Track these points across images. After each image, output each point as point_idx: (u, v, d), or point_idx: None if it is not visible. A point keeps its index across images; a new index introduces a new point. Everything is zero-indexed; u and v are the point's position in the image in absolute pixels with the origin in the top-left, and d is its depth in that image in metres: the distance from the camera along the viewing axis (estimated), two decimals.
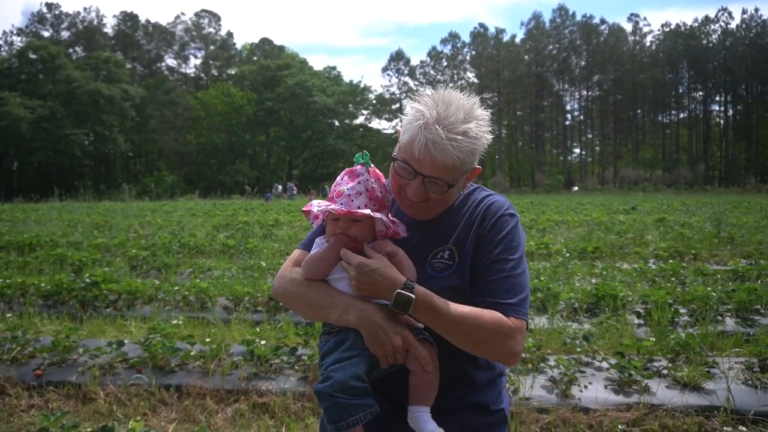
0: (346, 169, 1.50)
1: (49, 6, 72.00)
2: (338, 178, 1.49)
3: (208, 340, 4.59)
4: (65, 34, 72.76)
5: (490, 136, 1.43)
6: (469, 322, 1.30)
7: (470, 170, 1.46)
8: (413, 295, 1.28)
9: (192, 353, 4.40)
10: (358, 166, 1.47)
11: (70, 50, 69.61)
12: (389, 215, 1.48)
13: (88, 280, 6.57)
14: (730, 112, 73.51)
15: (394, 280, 1.30)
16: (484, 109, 1.43)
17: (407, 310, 1.28)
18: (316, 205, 1.44)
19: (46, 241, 10.99)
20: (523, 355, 4.27)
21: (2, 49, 68.43)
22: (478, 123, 1.39)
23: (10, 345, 4.51)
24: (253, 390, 3.97)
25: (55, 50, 58.88)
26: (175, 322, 5.38)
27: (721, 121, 75.14)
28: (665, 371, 4.07)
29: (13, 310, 6.12)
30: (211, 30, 79.79)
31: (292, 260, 1.55)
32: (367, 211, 1.38)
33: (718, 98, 73.92)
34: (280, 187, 35.82)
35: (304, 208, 1.48)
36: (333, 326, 1.40)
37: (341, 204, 1.41)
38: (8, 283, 6.74)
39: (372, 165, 1.50)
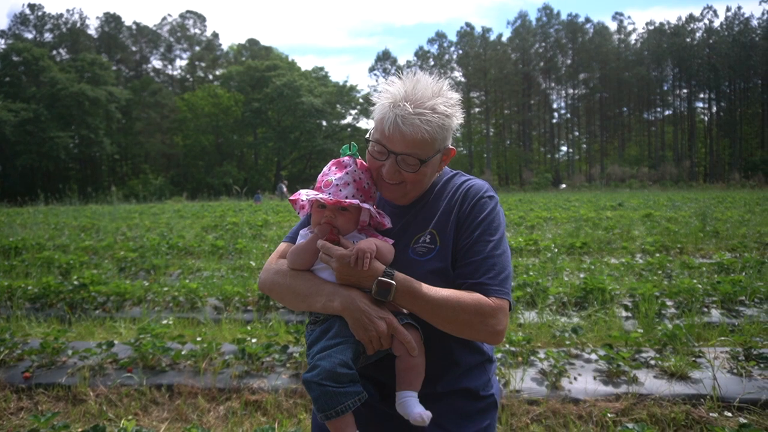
0: (334, 159, 1.52)
1: (32, 7, 71.08)
2: (325, 168, 1.50)
3: (198, 339, 4.58)
4: (48, 36, 71.88)
5: (460, 115, 1.47)
6: (451, 304, 1.32)
7: (443, 150, 1.48)
8: (393, 281, 1.32)
9: (183, 353, 4.38)
10: (346, 158, 1.49)
11: (54, 52, 68.79)
12: (374, 206, 1.50)
13: (76, 283, 6.51)
14: (714, 108, 74.53)
15: (374, 269, 1.33)
16: (456, 91, 1.47)
17: (388, 296, 1.32)
18: (305, 194, 1.45)
19: (32, 244, 10.85)
20: (513, 348, 4.32)
21: None
22: (447, 100, 1.43)
23: None
24: (245, 388, 3.97)
25: (38, 52, 58.12)
26: (165, 322, 5.36)
27: (706, 118, 76.13)
28: (653, 362, 4.13)
29: (0, 314, 6.04)
30: (197, 31, 79.30)
31: (278, 253, 1.57)
32: (356, 201, 1.40)
33: (702, 95, 74.88)
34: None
35: (291, 197, 1.49)
36: (319, 315, 1.41)
37: (329, 193, 1.42)
38: None
39: (359, 157, 1.52)
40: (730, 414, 3.44)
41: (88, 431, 3.00)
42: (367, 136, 1.51)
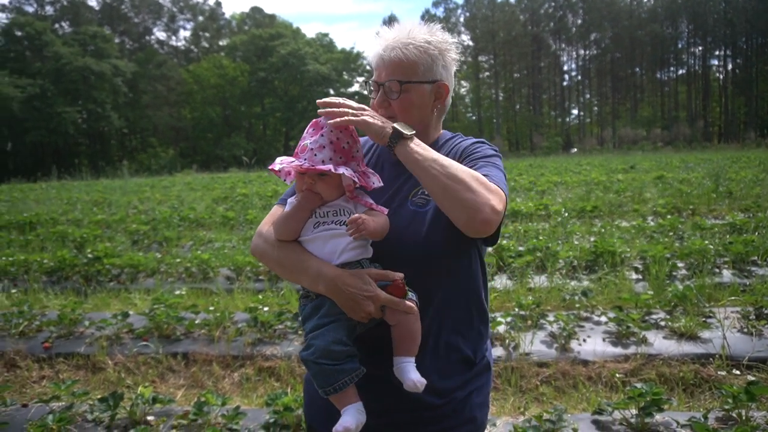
0: (313, 120, 1.43)
1: None
2: (305, 131, 1.43)
3: (211, 308, 4.66)
4: (50, 9, 71.07)
5: (451, 51, 1.49)
6: (455, 166, 1.30)
7: (432, 82, 1.46)
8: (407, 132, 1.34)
9: (197, 322, 4.46)
10: (322, 118, 1.40)
11: (56, 26, 68.08)
12: (362, 164, 1.43)
13: (90, 256, 6.62)
14: (730, 66, 72.48)
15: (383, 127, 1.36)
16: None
17: (396, 141, 1.33)
18: (279, 162, 1.39)
19: (47, 219, 11.00)
20: (523, 312, 4.34)
21: None
22: (432, 32, 1.48)
23: (17, 319, 4.58)
24: (258, 355, 4.05)
25: (41, 26, 57.56)
26: (178, 292, 5.44)
27: (721, 76, 74.14)
28: (663, 323, 4.14)
29: (18, 287, 6.18)
30: (199, 0, 77.95)
31: (271, 216, 1.53)
32: (329, 167, 1.31)
33: (717, 53, 72.75)
34: None
35: (269, 167, 1.42)
36: (310, 290, 1.38)
37: (305, 159, 1.35)
38: (11, 260, 6.78)
39: None
40: (738, 372, 3.46)
41: (107, 398, 3.09)
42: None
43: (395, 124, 1.36)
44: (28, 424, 2.96)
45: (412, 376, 1.29)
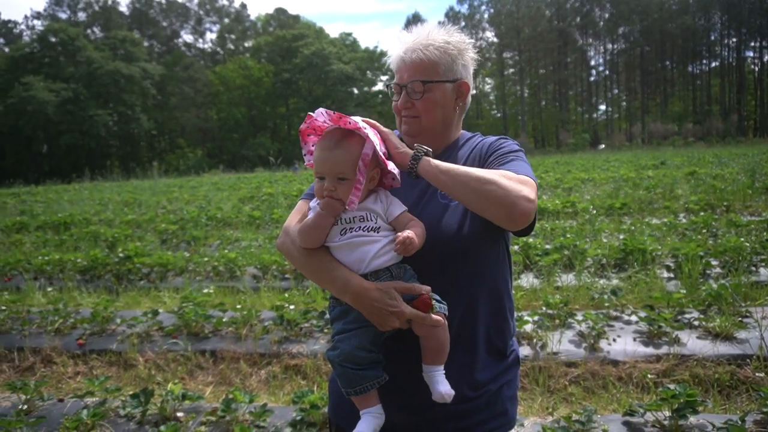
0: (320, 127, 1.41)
1: None
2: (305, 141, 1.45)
3: (239, 307, 4.72)
4: (82, 15, 73.08)
5: (469, 50, 1.53)
6: (479, 170, 1.32)
7: (453, 81, 1.49)
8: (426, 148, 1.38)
9: (224, 320, 4.53)
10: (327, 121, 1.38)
11: (88, 31, 69.96)
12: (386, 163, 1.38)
13: (121, 255, 6.78)
14: (766, 57, 70.04)
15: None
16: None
17: (418, 162, 1.34)
18: (320, 113, 1.34)
19: (80, 219, 11.32)
20: (550, 311, 4.27)
21: (24, 33, 69.29)
22: (450, 33, 1.50)
23: (53, 317, 4.72)
24: (284, 353, 4.08)
25: (74, 32, 59.25)
26: (206, 291, 5.53)
27: (756, 68, 71.63)
28: (696, 322, 4.02)
29: (53, 285, 6.37)
30: (225, 2, 79.12)
31: (297, 212, 1.53)
32: (358, 119, 1.31)
33: (752, 44, 70.32)
34: (297, 167, 35.39)
35: (309, 117, 1.37)
36: None
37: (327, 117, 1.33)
38: (47, 260, 7.00)
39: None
40: None
41: (139, 394, 3.16)
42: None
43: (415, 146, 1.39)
44: (64, 418, 3.05)
45: (440, 388, 1.30)
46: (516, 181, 1.30)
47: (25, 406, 3.28)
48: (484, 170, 1.33)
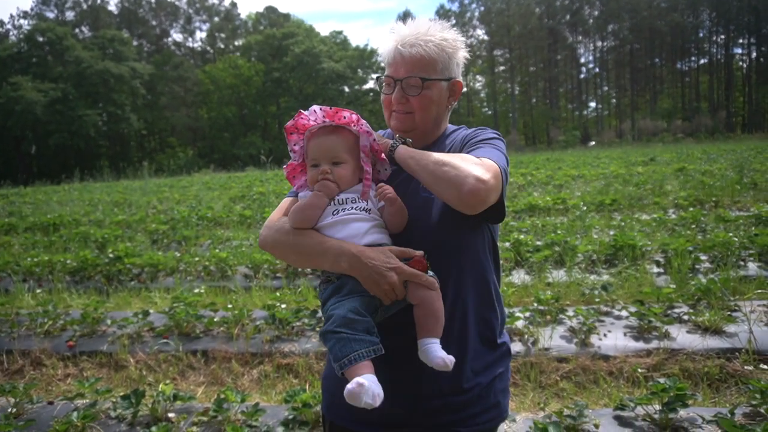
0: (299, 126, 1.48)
1: None
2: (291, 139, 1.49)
3: (230, 306, 4.70)
4: (70, 14, 72.35)
5: (463, 49, 1.53)
6: (439, 156, 1.34)
7: (448, 79, 1.50)
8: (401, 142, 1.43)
9: (215, 319, 4.51)
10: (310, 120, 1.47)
11: (76, 30, 69.27)
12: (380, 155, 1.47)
13: (111, 256, 6.73)
14: (754, 54, 70.61)
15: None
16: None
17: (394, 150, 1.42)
18: (315, 109, 1.43)
19: (69, 220, 11.22)
20: (541, 307, 4.29)
21: (11, 33, 68.45)
22: (445, 29, 1.50)
23: (42, 319, 4.68)
24: (276, 352, 4.07)
25: (61, 31, 58.61)
26: (197, 291, 5.50)
27: (744, 65, 72.36)
28: (686, 317, 4.06)
29: (43, 287, 6.31)
30: (215, 1, 78.64)
31: (281, 210, 1.53)
32: (352, 114, 1.40)
33: (741, 41, 70.95)
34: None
35: (296, 115, 1.44)
36: (331, 274, 1.38)
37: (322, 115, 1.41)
38: (36, 261, 6.93)
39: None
40: (766, 367, 3.37)
41: (130, 395, 3.14)
42: (378, 81, 1.56)
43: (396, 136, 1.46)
44: (54, 421, 3.02)
45: (439, 354, 1.28)
46: (472, 162, 1.30)
47: (14, 410, 3.25)
48: (446, 154, 1.36)
